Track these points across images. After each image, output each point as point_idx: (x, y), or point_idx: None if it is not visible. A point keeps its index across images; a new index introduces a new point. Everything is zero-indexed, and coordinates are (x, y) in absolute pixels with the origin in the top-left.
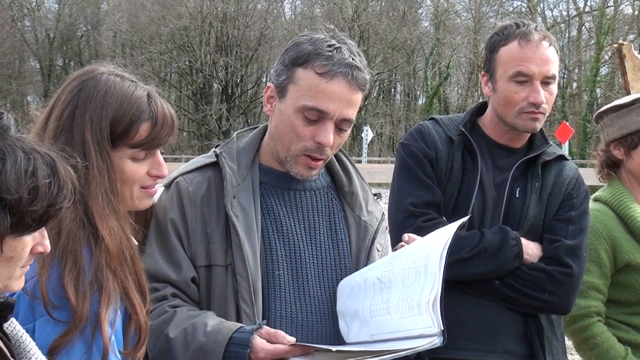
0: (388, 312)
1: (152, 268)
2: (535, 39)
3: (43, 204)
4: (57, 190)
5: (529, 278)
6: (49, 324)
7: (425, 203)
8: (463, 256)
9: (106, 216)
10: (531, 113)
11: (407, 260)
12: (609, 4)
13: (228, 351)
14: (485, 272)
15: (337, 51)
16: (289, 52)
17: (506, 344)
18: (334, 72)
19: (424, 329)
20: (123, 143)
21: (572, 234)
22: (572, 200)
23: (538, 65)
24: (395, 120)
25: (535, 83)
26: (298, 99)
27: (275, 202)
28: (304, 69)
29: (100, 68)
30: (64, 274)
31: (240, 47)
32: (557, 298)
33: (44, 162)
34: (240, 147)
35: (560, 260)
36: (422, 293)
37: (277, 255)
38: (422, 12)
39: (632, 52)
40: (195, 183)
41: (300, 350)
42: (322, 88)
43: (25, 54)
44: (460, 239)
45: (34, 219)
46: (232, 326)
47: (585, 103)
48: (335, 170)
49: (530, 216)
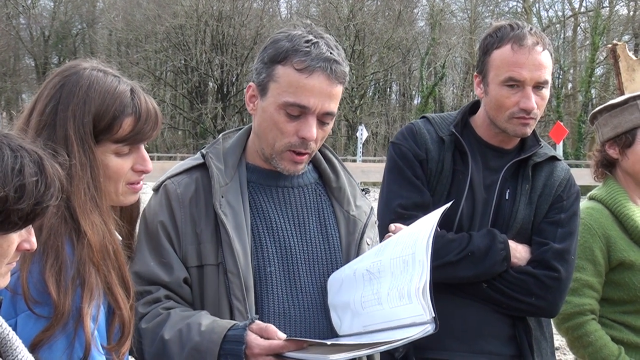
0: (379, 302)
1: (144, 271)
2: (529, 43)
3: (30, 202)
4: (44, 189)
5: (516, 282)
6: (31, 320)
7: (413, 205)
8: (450, 260)
9: (89, 211)
10: (522, 118)
11: (394, 250)
12: (604, 4)
13: (223, 349)
14: (472, 276)
15: (314, 46)
16: (268, 49)
17: (494, 345)
18: (313, 67)
19: (415, 317)
20: (106, 138)
21: (560, 237)
22: (562, 202)
23: (530, 70)
24: (390, 119)
25: (527, 88)
26: (279, 95)
27: (264, 200)
28: (283, 65)
29: (83, 63)
30: (45, 269)
31: (236, 46)
32: (544, 302)
33: (31, 160)
34: (227, 148)
35: (548, 264)
36: (412, 281)
37: (268, 251)
38: (418, 11)
39: (626, 53)
40: (183, 185)
41: (294, 345)
42: (302, 84)
43: (20, 52)
44: (447, 242)
45: (21, 217)
46: (226, 324)
47: (580, 103)
48: (322, 168)
49: (520, 218)
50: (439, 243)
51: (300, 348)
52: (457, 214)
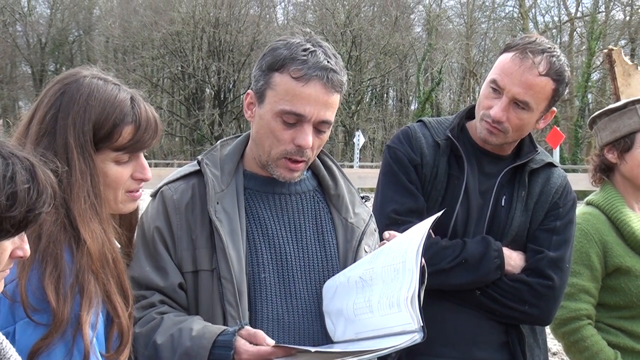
0: (370, 310)
1: (139, 275)
2: (528, 61)
3: (22, 210)
4: (37, 196)
5: (509, 289)
6: (29, 327)
7: (407, 210)
8: (444, 267)
9: (88, 219)
10: (488, 124)
11: (386, 258)
12: (601, 9)
13: (213, 354)
14: (466, 283)
15: (312, 55)
16: (266, 57)
17: (486, 352)
18: (309, 75)
19: (404, 325)
20: (106, 146)
21: (555, 245)
22: (558, 209)
23: (513, 84)
24: (387, 125)
25: (503, 98)
26: (276, 103)
27: (260, 207)
28: (280, 73)
29: (83, 71)
30: (44, 277)
31: (233, 53)
32: (537, 310)
33: (23, 167)
34: (224, 155)
35: (542, 272)
36: (401, 290)
37: (263, 258)
38: (415, 17)
39: (622, 58)
40: (179, 191)
41: (282, 352)
42: (298, 92)
43: (17, 59)
44: (441, 249)
45: (13, 224)
46: (216, 329)
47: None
48: (321, 175)
49: (515, 226)
50: (433, 250)
51: (289, 355)
52: (452, 220)
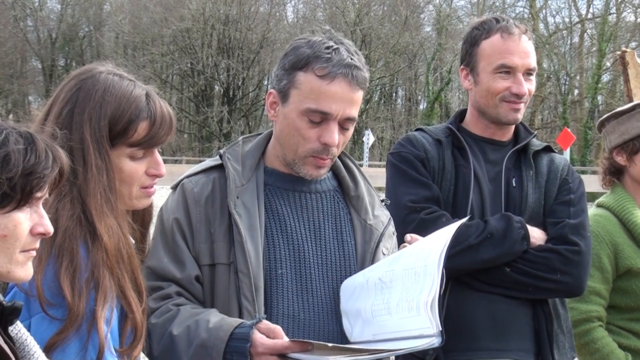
0: (389, 312)
1: (156, 266)
2: (516, 32)
3: (18, 172)
4: (35, 159)
5: (539, 260)
6: (45, 322)
7: (424, 198)
8: (470, 243)
9: (104, 214)
10: (512, 103)
11: (407, 260)
12: (612, 11)
13: (229, 346)
14: (495, 257)
15: (335, 52)
16: (288, 56)
17: (518, 342)
18: (334, 73)
19: (422, 329)
20: (121, 142)
21: (574, 214)
22: (568, 184)
23: (521, 57)
24: (396, 124)
25: (518, 75)
26: (301, 102)
27: (280, 203)
28: (305, 72)
29: (99, 67)
30: (60, 272)
31: (242, 50)
32: (569, 277)
33: (19, 134)
34: (246, 151)
35: (567, 238)
36: (421, 294)
37: (280, 254)
38: (424, 17)
39: (635, 60)
40: (200, 184)
41: (299, 347)
42: (323, 90)
43: (27, 54)
44: (465, 227)
45: (13, 187)
46: (234, 322)
47: (587, 110)
48: (342, 176)
49: (531, 202)
50: (457, 230)
51: (305, 350)
52: (468, 206)
